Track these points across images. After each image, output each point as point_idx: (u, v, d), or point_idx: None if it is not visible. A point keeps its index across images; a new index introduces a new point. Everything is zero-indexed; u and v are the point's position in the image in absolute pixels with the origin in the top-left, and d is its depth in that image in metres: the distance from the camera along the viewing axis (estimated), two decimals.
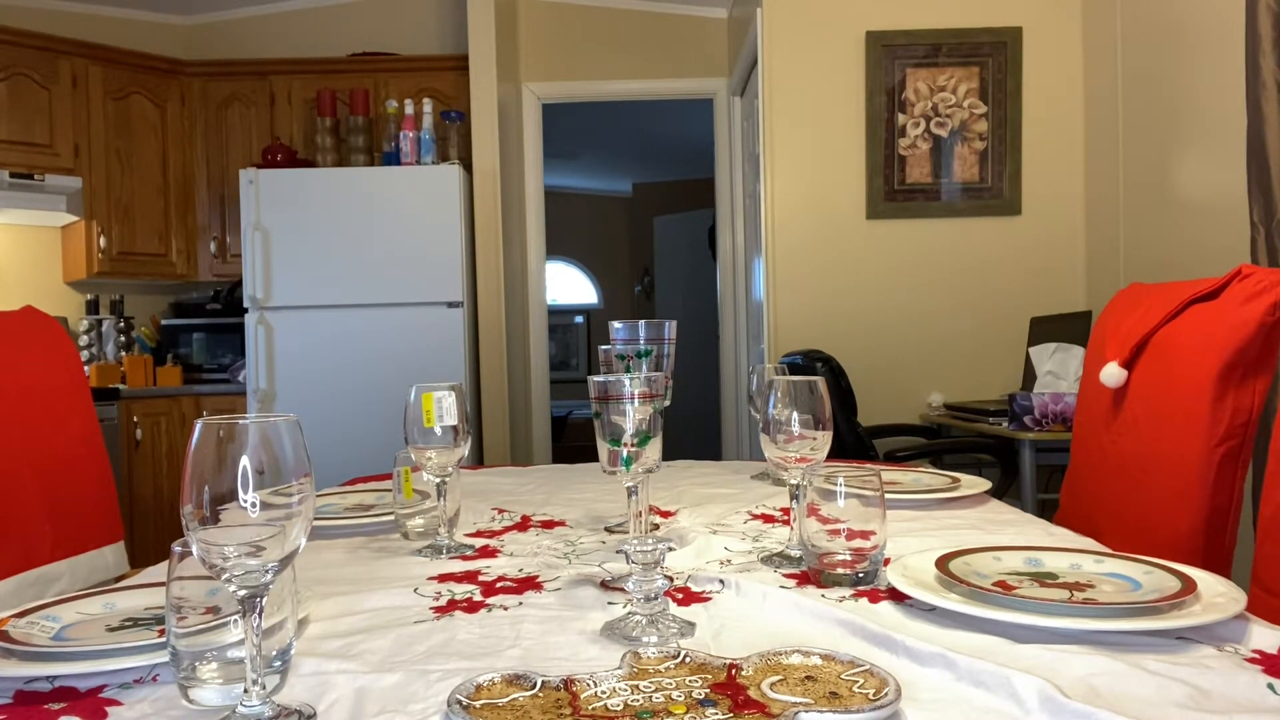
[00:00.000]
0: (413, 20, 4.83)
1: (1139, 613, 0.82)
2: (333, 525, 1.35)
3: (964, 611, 0.84)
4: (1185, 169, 3.02)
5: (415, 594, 1.01)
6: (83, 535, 1.55)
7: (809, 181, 3.85)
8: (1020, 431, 2.87)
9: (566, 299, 8.87)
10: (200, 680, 0.72)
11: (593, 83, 4.85)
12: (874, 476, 1.00)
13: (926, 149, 3.79)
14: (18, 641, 0.82)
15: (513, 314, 4.62)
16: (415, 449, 1.21)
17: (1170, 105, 3.09)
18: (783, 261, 3.87)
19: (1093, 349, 1.73)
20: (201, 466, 0.65)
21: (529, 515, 1.45)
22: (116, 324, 4.49)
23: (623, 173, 8.44)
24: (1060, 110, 3.77)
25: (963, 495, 1.44)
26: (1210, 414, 1.34)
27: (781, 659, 0.73)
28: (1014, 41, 3.75)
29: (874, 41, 3.77)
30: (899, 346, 3.83)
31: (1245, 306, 1.32)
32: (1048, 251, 3.80)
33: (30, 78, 4.10)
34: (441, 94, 4.47)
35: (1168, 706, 0.66)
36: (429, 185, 4.03)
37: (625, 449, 1.01)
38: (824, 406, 1.10)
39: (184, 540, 0.70)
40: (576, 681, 0.70)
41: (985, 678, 0.70)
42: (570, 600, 0.98)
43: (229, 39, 4.88)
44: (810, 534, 1.00)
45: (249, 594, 0.67)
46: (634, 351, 1.33)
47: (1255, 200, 2.36)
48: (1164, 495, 1.41)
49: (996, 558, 1.01)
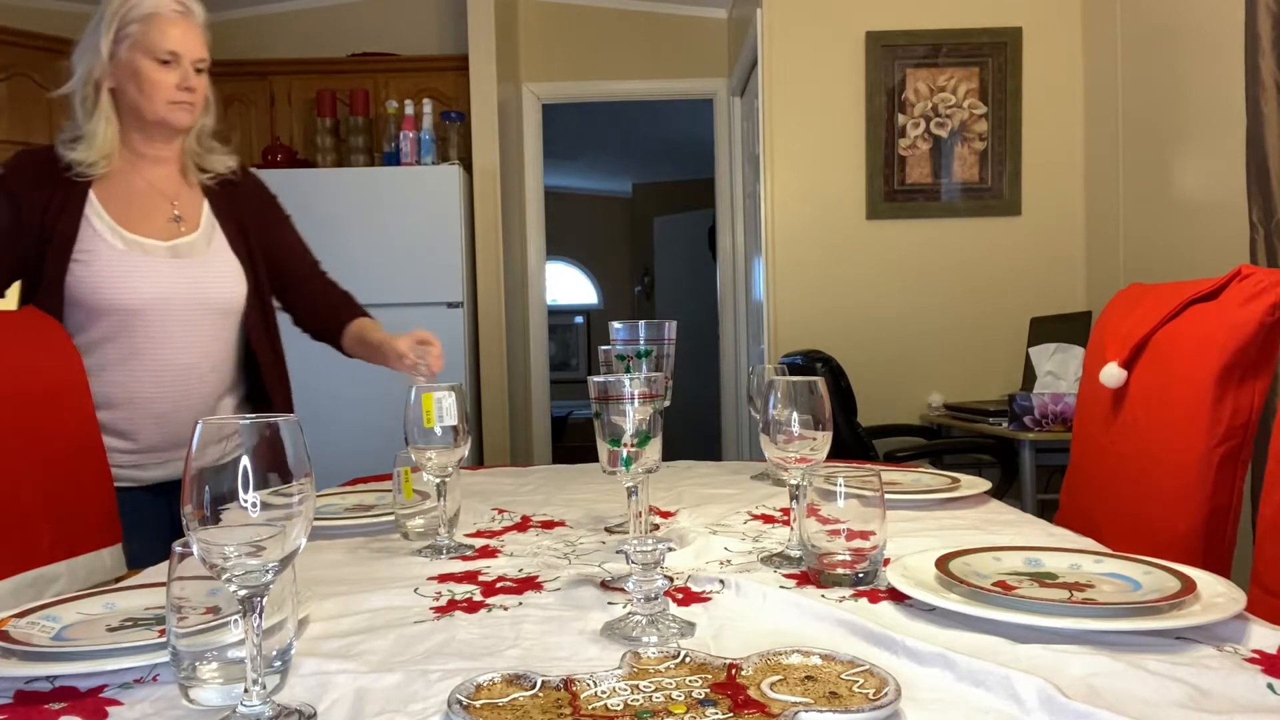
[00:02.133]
0: (413, 20, 4.83)
1: (1139, 613, 0.82)
2: (333, 525, 1.35)
3: (964, 611, 0.84)
4: (1185, 169, 3.02)
5: (415, 594, 1.01)
6: (81, 536, 1.55)
7: (809, 181, 3.85)
8: (1020, 432, 2.87)
9: (566, 299, 8.87)
10: (200, 680, 0.72)
11: (593, 83, 4.85)
12: (874, 476, 1.00)
13: (926, 149, 3.79)
14: (18, 641, 0.82)
15: (513, 314, 4.62)
16: (415, 449, 1.21)
17: (1170, 105, 3.09)
18: (783, 262, 3.87)
19: (1092, 349, 1.73)
20: (201, 466, 0.65)
21: (529, 515, 1.45)
22: None
23: (623, 173, 8.44)
24: (1060, 110, 3.77)
25: (963, 495, 1.44)
26: (1210, 414, 1.34)
27: (781, 659, 0.73)
28: (1014, 42, 3.75)
29: (874, 41, 3.77)
30: (899, 346, 3.83)
31: (1245, 307, 1.32)
32: (1048, 251, 3.80)
33: (30, 78, 4.09)
34: (441, 94, 4.47)
35: (1167, 706, 0.66)
36: (429, 185, 4.03)
37: (625, 449, 1.01)
38: (824, 406, 1.10)
39: (184, 540, 0.70)
40: (576, 681, 0.70)
41: (985, 678, 0.70)
42: (570, 600, 0.98)
43: (229, 39, 4.87)
44: (810, 534, 1.01)
45: (249, 594, 0.67)
46: (634, 352, 1.32)
47: (1255, 200, 2.36)
48: (1164, 495, 1.41)
49: (996, 558, 1.01)
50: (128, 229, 1.67)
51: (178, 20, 1.67)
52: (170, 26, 1.66)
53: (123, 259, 1.65)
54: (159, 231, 1.71)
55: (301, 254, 1.91)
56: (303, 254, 1.92)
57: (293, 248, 1.91)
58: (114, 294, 1.64)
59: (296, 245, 1.92)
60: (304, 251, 1.92)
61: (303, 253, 1.92)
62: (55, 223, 1.64)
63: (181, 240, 1.72)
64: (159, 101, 1.66)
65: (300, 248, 1.92)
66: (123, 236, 1.66)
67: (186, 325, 1.70)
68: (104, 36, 1.64)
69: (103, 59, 1.64)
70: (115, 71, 1.65)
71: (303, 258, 1.91)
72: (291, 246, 1.91)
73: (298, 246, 1.92)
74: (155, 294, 1.66)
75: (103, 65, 1.64)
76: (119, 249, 1.65)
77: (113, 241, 1.65)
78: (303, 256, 1.91)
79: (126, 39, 1.64)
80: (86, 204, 1.66)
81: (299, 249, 1.92)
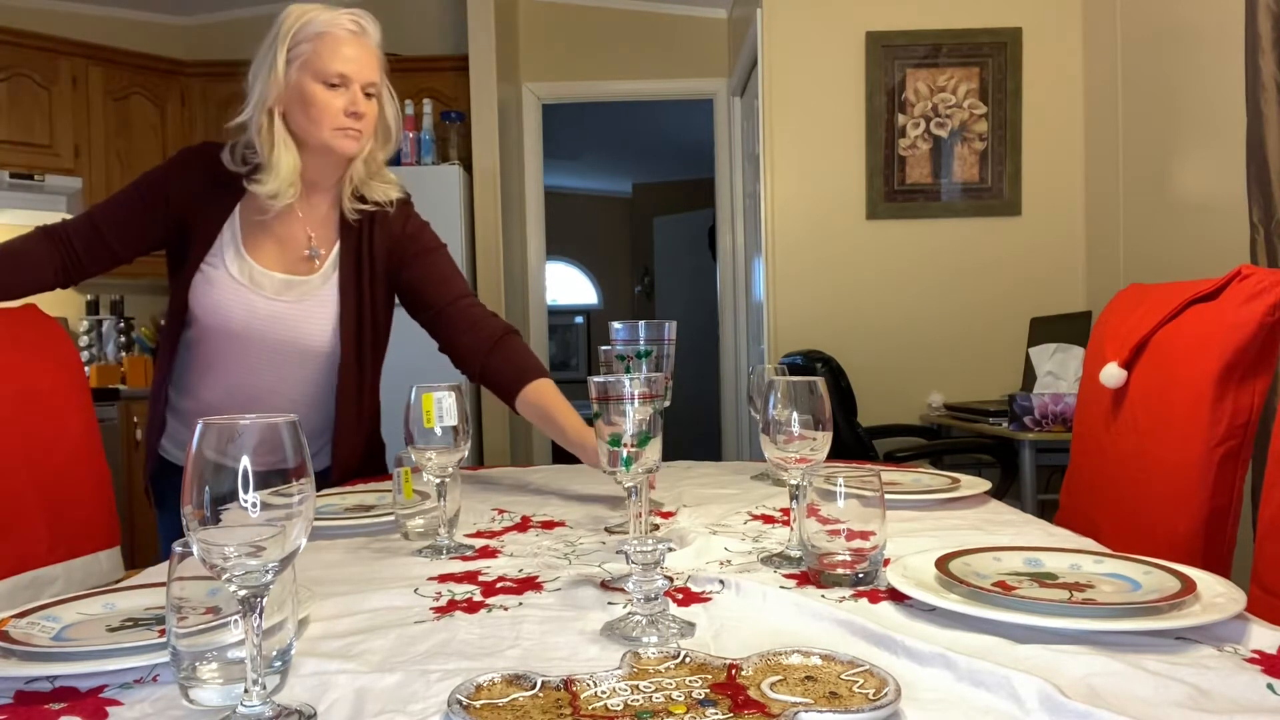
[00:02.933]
0: (413, 20, 4.83)
1: (1139, 613, 0.82)
2: (333, 525, 1.35)
3: (964, 612, 0.84)
4: (1185, 169, 3.02)
5: (415, 594, 1.01)
6: (79, 538, 1.55)
7: (809, 181, 3.85)
8: (1020, 432, 2.87)
9: (566, 299, 8.87)
10: (200, 680, 0.72)
11: (593, 83, 4.86)
12: (874, 477, 1.00)
13: (926, 149, 3.79)
14: (18, 641, 0.82)
15: (513, 314, 4.62)
16: (415, 449, 1.21)
17: (1170, 105, 3.09)
18: (783, 262, 3.87)
19: (1093, 349, 1.73)
20: (201, 466, 0.65)
21: (529, 515, 1.45)
22: (116, 324, 4.49)
23: (623, 173, 8.44)
24: (1060, 110, 3.77)
25: (963, 495, 1.44)
26: (1210, 414, 1.33)
27: (781, 659, 0.73)
28: (1014, 42, 3.75)
29: (874, 42, 3.77)
30: (899, 346, 3.83)
31: (1245, 307, 1.32)
32: (1048, 251, 3.80)
33: (30, 78, 4.10)
34: (441, 94, 4.47)
35: (1167, 706, 0.66)
36: (429, 185, 4.02)
37: (625, 449, 1.01)
38: (824, 406, 1.10)
39: (184, 540, 0.70)
40: (576, 681, 0.70)
41: (985, 678, 0.70)
42: (570, 600, 0.98)
43: (229, 39, 4.88)
44: (810, 534, 1.00)
45: (249, 594, 0.67)
46: (634, 352, 1.33)
47: (1255, 200, 2.36)
48: (1164, 495, 1.41)
49: (996, 558, 1.01)
50: (252, 254, 1.67)
51: (350, 40, 1.58)
52: (342, 46, 1.57)
53: (230, 283, 1.65)
54: (281, 264, 1.68)
55: (438, 284, 1.75)
56: (440, 284, 1.75)
57: (430, 279, 1.75)
58: (210, 312, 1.66)
59: (435, 276, 1.76)
60: (441, 281, 1.76)
61: (439, 282, 1.75)
62: (200, 223, 1.66)
63: (297, 278, 1.69)
64: (325, 127, 1.58)
65: (439, 278, 1.76)
66: (242, 260, 1.66)
67: (267, 356, 1.68)
68: (279, 55, 1.56)
69: (278, 79, 1.57)
70: (285, 94, 1.58)
71: (439, 287, 1.75)
72: (429, 278, 1.75)
73: (436, 277, 1.76)
74: (245, 324, 1.66)
75: (278, 86, 1.57)
76: (232, 272, 1.66)
77: (230, 263, 1.66)
78: (439, 286, 1.75)
79: (297, 59, 1.57)
80: (228, 218, 1.67)
81: (437, 279, 1.76)
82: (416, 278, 1.76)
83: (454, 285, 1.76)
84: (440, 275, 1.77)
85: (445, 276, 1.77)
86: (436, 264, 1.77)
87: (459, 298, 1.75)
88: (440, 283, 1.75)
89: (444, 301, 1.74)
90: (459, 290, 1.76)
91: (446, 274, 1.77)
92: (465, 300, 1.75)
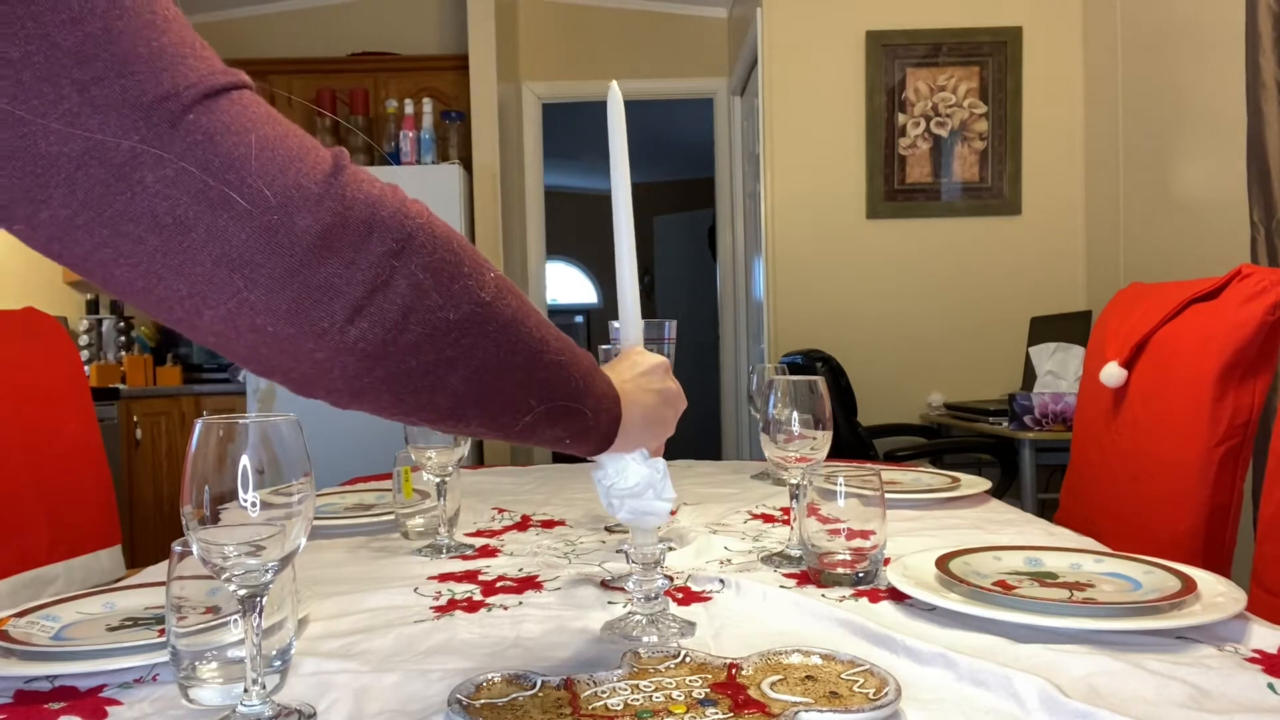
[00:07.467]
0: (413, 20, 4.83)
1: (1139, 612, 0.82)
2: (333, 525, 1.35)
3: (964, 611, 0.84)
4: (1185, 169, 3.02)
5: (415, 593, 1.01)
6: (80, 538, 1.55)
7: (809, 181, 3.85)
8: (1020, 431, 2.87)
9: (567, 298, 8.87)
10: (200, 680, 0.72)
11: (593, 83, 4.85)
12: (874, 476, 1.00)
13: (926, 149, 3.79)
14: (18, 641, 0.82)
15: None
16: (415, 449, 1.21)
17: (1170, 105, 3.08)
18: (783, 261, 3.87)
19: (1093, 349, 1.73)
20: (201, 466, 0.65)
21: (529, 515, 1.45)
22: (116, 324, 4.49)
23: None
24: (1060, 110, 3.77)
25: (963, 495, 1.44)
26: (1210, 414, 1.34)
27: (781, 659, 0.73)
28: (1014, 41, 3.75)
29: (874, 41, 3.77)
30: (899, 346, 3.83)
31: (1245, 306, 1.32)
32: (1048, 251, 3.80)
33: None
34: (441, 94, 4.47)
35: (1168, 706, 0.66)
36: (429, 185, 4.02)
37: None
38: (824, 406, 1.10)
39: (184, 540, 0.70)
40: (576, 681, 0.70)
41: (985, 677, 0.70)
42: (570, 600, 0.98)
43: (229, 39, 4.88)
44: (810, 534, 1.00)
45: (249, 594, 0.67)
46: None
47: (1255, 200, 2.36)
48: (1164, 495, 1.41)
49: (996, 557, 1.01)
50: None
51: None
52: None
53: None
54: None
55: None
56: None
57: None
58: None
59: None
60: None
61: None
62: None
63: None
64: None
65: None
66: None
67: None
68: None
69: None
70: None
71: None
72: None
73: None
74: None
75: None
76: None
77: None
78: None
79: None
80: None
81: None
82: None
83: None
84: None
85: None
86: None
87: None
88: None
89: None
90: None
91: None
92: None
